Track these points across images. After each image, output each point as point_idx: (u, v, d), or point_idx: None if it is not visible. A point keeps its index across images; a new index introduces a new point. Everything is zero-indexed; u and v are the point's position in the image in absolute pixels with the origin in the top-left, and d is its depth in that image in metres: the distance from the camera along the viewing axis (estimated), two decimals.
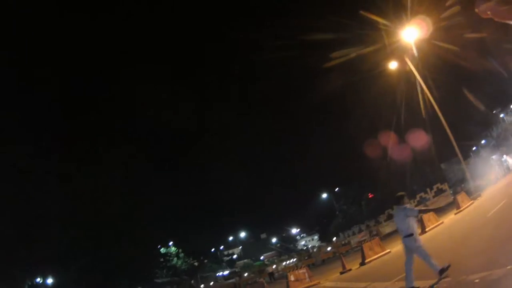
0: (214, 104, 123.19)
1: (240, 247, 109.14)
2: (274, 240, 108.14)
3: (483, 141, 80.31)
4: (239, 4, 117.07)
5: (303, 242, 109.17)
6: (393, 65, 35.68)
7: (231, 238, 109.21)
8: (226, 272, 78.04)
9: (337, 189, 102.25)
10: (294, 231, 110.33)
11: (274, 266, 60.85)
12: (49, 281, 61.15)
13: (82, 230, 61.23)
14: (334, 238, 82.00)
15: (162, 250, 79.53)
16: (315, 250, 76.16)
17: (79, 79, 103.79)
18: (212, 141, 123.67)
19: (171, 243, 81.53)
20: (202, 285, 59.91)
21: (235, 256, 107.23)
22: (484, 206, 24.37)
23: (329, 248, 66.92)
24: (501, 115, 74.69)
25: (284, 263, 66.95)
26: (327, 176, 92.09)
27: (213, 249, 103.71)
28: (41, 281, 60.67)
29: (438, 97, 36.58)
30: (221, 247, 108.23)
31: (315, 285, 24.37)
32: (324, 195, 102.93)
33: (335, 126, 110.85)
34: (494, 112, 75.81)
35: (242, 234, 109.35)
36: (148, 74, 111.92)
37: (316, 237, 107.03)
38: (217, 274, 75.37)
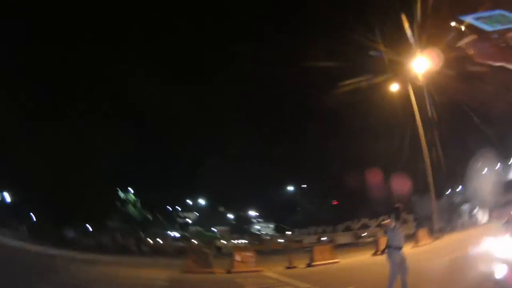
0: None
1: (196, 214, 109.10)
2: (230, 216, 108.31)
3: (459, 187, 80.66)
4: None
5: (257, 227, 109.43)
6: (394, 90, 35.68)
7: (190, 202, 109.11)
8: (176, 234, 78.16)
9: (304, 186, 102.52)
10: (252, 213, 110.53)
11: (224, 242, 60.99)
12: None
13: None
14: (289, 232, 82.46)
15: (122, 195, 79.48)
16: (267, 238, 76.49)
17: None
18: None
19: (131, 191, 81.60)
20: (150, 240, 59.88)
21: (189, 221, 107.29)
22: (442, 249, 24.47)
23: (281, 240, 67.24)
24: (486, 169, 74.61)
25: (234, 241, 67.21)
26: (300, 170, 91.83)
27: (169, 208, 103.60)
28: None
29: (435, 131, 36.91)
30: (178, 208, 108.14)
31: (258, 271, 24.35)
32: (290, 188, 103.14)
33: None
34: (479, 164, 75.97)
35: (202, 202, 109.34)
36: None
37: (271, 225, 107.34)
38: (168, 233, 75.48)
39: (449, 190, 78.92)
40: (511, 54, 0.86)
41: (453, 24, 0.84)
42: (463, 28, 0.85)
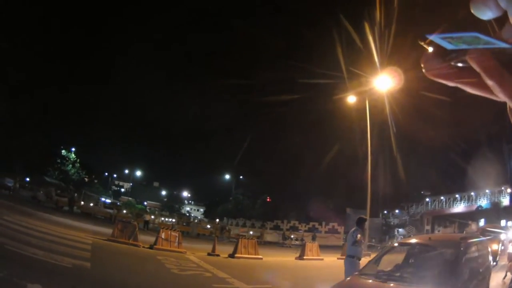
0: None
1: (131, 184, 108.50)
2: (163, 192, 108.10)
3: (397, 211, 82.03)
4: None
5: (188, 208, 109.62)
6: (351, 103, 36.03)
7: (126, 171, 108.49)
8: (108, 200, 77.26)
9: (241, 177, 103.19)
10: (185, 194, 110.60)
11: (152, 217, 60.56)
12: None
13: None
14: (217, 220, 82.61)
15: (63, 152, 78.01)
16: (195, 221, 76.47)
17: None
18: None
19: (73, 149, 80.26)
20: (82, 202, 58.98)
21: (122, 190, 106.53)
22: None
23: (208, 226, 67.22)
24: (427, 199, 75.86)
25: (162, 218, 66.92)
26: (240, 161, 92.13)
27: (106, 173, 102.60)
28: None
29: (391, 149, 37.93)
30: (114, 175, 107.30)
31: (180, 252, 24.51)
32: (227, 176, 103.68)
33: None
34: (422, 192, 77.39)
35: (138, 173, 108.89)
36: None
37: (202, 210, 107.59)
38: (100, 198, 74.47)
39: (386, 211, 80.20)
40: (466, 75, 0.87)
41: (419, 42, 0.88)
42: (425, 45, 0.86)
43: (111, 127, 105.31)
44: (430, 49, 0.86)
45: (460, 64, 0.83)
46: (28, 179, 60.83)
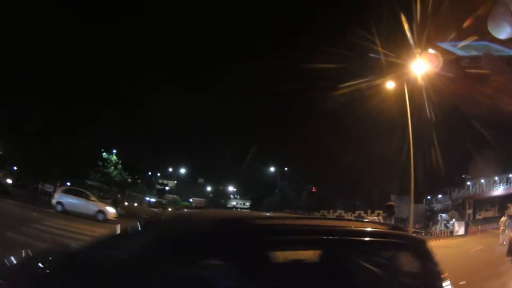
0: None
1: (175, 182, 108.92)
2: (209, 188, 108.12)
3: (439, 196, 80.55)
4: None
5: (234, 203, 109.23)
6: (389, 89, 35.08)
7: (170, 169, 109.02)
8: (153, 199, 77.48)
9: (286, 168, 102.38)
10: (230, 188, 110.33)
11: None
12: None
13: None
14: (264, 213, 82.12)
15: (104, 155, 78.11)
16: None
17: None
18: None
19: (114, 151, 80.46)
20: (126, 203, 59.24)
21: (167, 188, 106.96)
22: None
23: None
24: (468, 183, 74.18)
25: None
26: (284, 152, 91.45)
27: (149, 173, 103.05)
28: None
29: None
30: (158, 174, 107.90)
31: None
32: (272, 169, 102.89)
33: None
34: (463, 176, 75.70)
35: (182, 171, 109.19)
36: None
37: (248, 203, 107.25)
38: (145, 198, 74.73)
39: (429, 196, 78.89)
40: (477, 82, 0.79)
41: (430, 50, 0.80)
42: (432, 51, 0.79)
43: (153, 127, 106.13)
44: (431, 51, 0.91)
45: (470, 70, 0.87)
46: (69, 183, 61.24)
